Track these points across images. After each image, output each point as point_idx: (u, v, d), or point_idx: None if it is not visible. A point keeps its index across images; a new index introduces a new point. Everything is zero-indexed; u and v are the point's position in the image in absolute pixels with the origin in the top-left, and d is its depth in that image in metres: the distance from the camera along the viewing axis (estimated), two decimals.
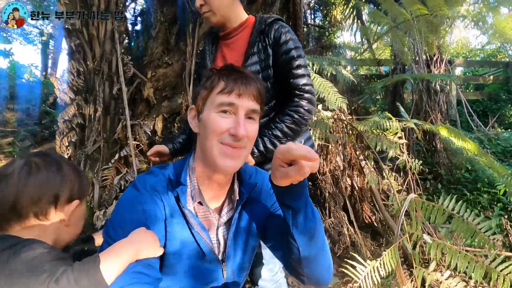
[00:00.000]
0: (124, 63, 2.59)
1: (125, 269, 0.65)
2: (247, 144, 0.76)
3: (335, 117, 2.46)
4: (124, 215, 0.73)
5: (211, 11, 1.12)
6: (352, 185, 3.29)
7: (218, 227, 0.82)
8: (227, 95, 0.73)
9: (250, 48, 1.12)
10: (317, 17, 6.68)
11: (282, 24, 1.12)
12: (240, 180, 0.86)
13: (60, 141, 2.53)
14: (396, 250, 1.45)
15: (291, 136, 1.10)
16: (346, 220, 2.97)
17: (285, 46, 1.08)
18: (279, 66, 1.11)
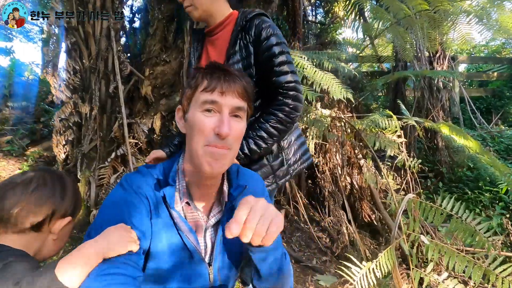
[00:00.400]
0: (121, 61, 2.57)
1: (95, 272, 0.60)
2: (232, 144, 0.73)
3: (333, 115, 2.43)
4: (108, 215, 0.71)
5: (192, 5, 1.09)
6: (352, 184, 3.26)
7: (206, 229, 0.80)
8: (210, 93, 0.71)
9: (231, 46, 1.08)
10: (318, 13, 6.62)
11: (264, 19, 1.06)
12: (229, 182, 0.84)
13: (56, 140, 2.53)
14: (393, 250, 1.43)
15: (277, 136, 1.06)
16: (345, 219, 2.95)
17: (266, 42, 1.03)
18: (261, 64, 1.06)
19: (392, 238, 1.48)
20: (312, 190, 3.82)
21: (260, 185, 0.93)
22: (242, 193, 0.82)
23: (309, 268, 2.54)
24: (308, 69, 1.99)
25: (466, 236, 1.48)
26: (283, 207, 3.14)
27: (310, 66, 2.03)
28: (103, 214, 0.72)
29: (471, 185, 3.60)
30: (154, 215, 0.74)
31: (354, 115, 3.22)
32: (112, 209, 0.72)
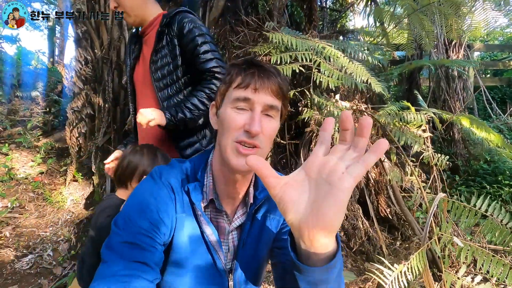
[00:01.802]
0: None
1: (112, 271, 0.60)
2: (263, 142, 0.69)
3: (354, 107, 2.34)
4: (135, 205, 0.70)
5: (125, 12, 1.18)
6: (368, 178, 3.20)
7: (229, 232, 0.78)
8: (243, 90, 0.68)
9: (157, 42, 1.17)
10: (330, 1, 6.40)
11: (185, 15, 1.17)
12: (256, 184, 0.80)
13: (70, 132, 2.48)
14: (424, 253, 1.38)
15: (203, 110, 1.15)
16: (361, 213, 2.91)
17: (189, 35, 1.14)
18: (187, 54, 1.17)
19: (423, 239, 1.42)
20: None
21: None
22: (267, 197, 0.78)
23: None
24: (342, 59, 1.88)
25: (501, 239, 1.42)
26: None
27: (342, 56, 1.92)
28: (131, 203, 0.72)
29: (489, 179, 3.52)
30: (180, 210, 0.73)
31: (369, 106, 3.12)
32: (140, 200, 0.71)
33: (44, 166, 2.89)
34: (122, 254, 0.62)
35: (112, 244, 0.64)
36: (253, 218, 0.79)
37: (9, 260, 1.88)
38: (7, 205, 2.31)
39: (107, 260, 0.62)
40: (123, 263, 0.61)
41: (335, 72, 1.82)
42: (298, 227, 0.43)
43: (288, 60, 1.83)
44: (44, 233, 2.17)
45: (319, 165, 0.42)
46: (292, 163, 3.44)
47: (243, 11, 3.09)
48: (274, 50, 1.94)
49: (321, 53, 1.89)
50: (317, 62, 1.83)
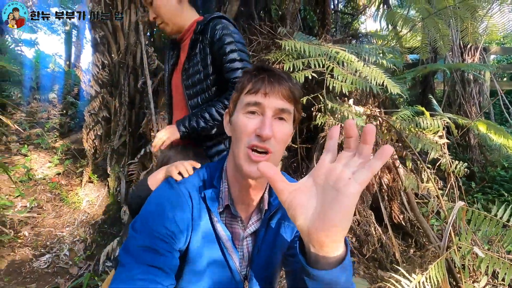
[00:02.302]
0: (149, 55, 2.53)
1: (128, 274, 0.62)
2: (275, 147, 0.68)
3: (367, 113, 2.31)
4: (152, 210, 0.71)
5: (163, 22, 1.20)
6: (380, 183, 3.16)
7: (244, 238, 0.78)
8: (253, 95, 0.69)
9: (191, 50, 1.18)
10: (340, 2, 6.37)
11: (218, 21, 1.15)
12: (271, 191, 0.79)
13: (86, 134, 2.54)
14: (443, 263, 1.35)
15: (218, 120, 1.13)
16: (374, 219, 2.87)
17: (219, 43, 1.12)
18: (217, 62, 1.15)
19: (442, 249, 1.39)
20: None
21: None
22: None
23: None
24: (356, 63, 1.87)
25: None
26: None
27: (356, 60, 1.91)
28: (148, 208, 0.73)
29: (506, 186, 3.42)
30: (196, 216, 0.73)
31: (382, 110, 3.09)
32: (157, 205, 0.72)
33: (61, 167, 2.96)
34: (139, 258, 0.64)
35: (130, 248, 0.66)
36: (268, 225, 0.79)
37: (28, 259, 1.93)
38: (26, 205, 2.38)
39: (124, 263, 0.63)
40: (139, 268, 0.62)
41: (348, 77, 1.80)
42: (307, 231, 0.44)
43: (300, 67, 1.83)
44: (61, 233, 2.22)
45: (326, 171, 0.43)
46: (303, 167, 3.43)
47: (256, 16, 3.11)
48: (287, 57, 1.94)
49: (334, 58, 1.89)
50: (330, 67, 1.82)
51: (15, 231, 2.08)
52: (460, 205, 1.44)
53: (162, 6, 1.18)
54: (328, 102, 2.16)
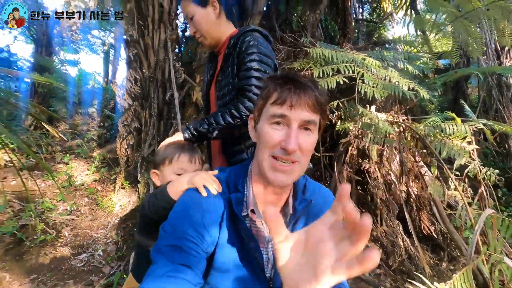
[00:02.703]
0: (176, 70, 2.71)
1: (158, 271, 0.64)
2: (300, 158, 0.70)
3: (389, 119, 2.28)
4: (180, 214, 0.74)
5: (202, 36, 1.24)
6: (408, 193, 3.03)
7: (269, 241, 0.78)
8: (279, 106, 0.69)
9: (224, 62, 1.21)
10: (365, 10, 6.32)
11: (250, 34, 1.16)
12: (295, 195, 0.81)
13: (120, 144, 2.74)
14: (470, 273, 1.28)
15: (221, 125, 1.14)
16: (401, 230, 2.75)
17: (244, 53, 1.13)
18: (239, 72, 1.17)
19: (469, 258, 1.33)
20: (363, 197, 3.63)
21: (327, 202, 0.85)
22: (307, 208, 0.79)
23: (362, 280, 2.41)
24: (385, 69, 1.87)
25: None
26: None
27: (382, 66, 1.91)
28: (178, 210, 0.75)
29: None
30: (224, 220, 0.75)
31: (409, 117, 3.00)
32: (187, 208, 0.75)
33: (98, 175, 3.22)
34: (169, 257, 0.66)
35: (160, 247, 0.69)
36: (293, 230, 0.78)
37: (67, 257, 2.11)
38: (66, 208, 2.61)
39: (156, 261, 0.67)
40: (170, 266, 0.65)
41: (379, 82, 1.80)
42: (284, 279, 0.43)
43: (330, 73, 1.86)
44: (96, 234, 2.40)
45: (317, 240, 0.39)
46: (326, 175, 3.40)
47: (277, 28, 3.21)
48: (314, 64, 1.98)
49: (362, 64, 1.90)
50: (361, 73, 1.83)
51: (57, 232, 2.29)
52: (489, 213, 1.38)
53: (201, 21, 1.22)
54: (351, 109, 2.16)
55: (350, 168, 3.23)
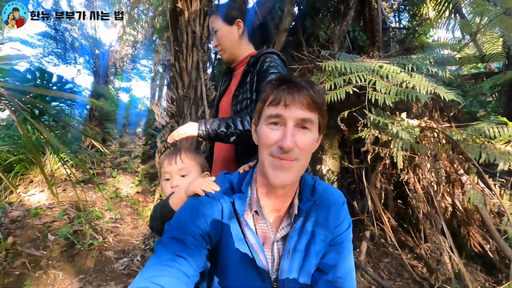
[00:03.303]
0: (207, 88, 2.93)
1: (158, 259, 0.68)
2: (299, 155, 0.71)
3: (422, 125, 2.16)
4: (184, 214, 0.78)
5: (222, 50, 1.35)
6: (454, 205, 2.76)
7: (274, 242, 0.78)
8: (275, 107, 0.71)
9: (243, 79, 1.30)
10: (403, 18, 6.13)
11: (268, 56, 1.27)
12: (301, 195, 0.81)
13: (158, 158, 2.99)
14: None
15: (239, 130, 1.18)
16: (447, 246, 2.50)
17: (264, 72, 1.23)
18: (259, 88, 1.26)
19: None
20: (403, 211, 3.39)
21: (336, 203, 0.83)
22: (312, 208, 0.79)
23: None
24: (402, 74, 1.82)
25: None
26: (368, 229, 2.88)
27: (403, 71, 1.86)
28: (183, 209, 0.80)
29: None
30: (226, 219, 0.77)
31: (453, 125, 2.79)
32: (191, 207, 0.79)
33: (140, 187, 3.52)
34: (168, 247, 0.70)
35: (163, 239, 0.73)
36: (301, 231, 0.78)
37: (110, 260, 2.32)
38: (112, 217, 2.89)
39: (156, 252, 0.71)
40: (168, 255, 0.68)
41: (392, 88, 1.75)
42: None
43: (341, 84, 1.86)
44: (136, 241, 2.60)
45: None
46: (361, 188, 3.26)
47: (304, 43, 3.29)
48: (328, 77, 2.00)
49: (377, 72, 1.87)
50: (372, 81, 1.81)
51: (103, 237, 2.54)
52: None
53: (225, 37, 1.33)
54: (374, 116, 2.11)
55: (385, 179, 3.07)
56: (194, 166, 1.13)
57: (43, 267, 2.09)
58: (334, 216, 0.82)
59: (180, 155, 1.12)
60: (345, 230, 0.83)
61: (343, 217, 0.83)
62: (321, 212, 0.81)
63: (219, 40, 1.35)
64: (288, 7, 3.15)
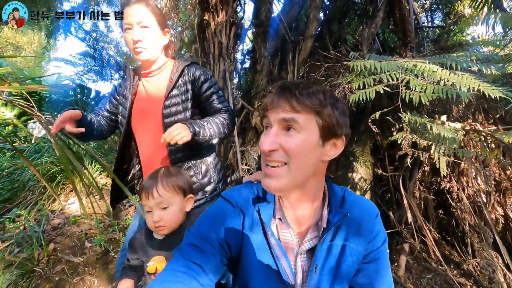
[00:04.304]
0: (234, 97, 2.94)
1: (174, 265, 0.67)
2: (287, 159, 0.67)
3: (467, 128, 1.98)
4: (205, 220, 0.78)
5: (147, 48, 1.26)
6: (506, 216, 2.48)
7: (298, 254, 0.75)
8: (266, 112, 0.72)
9: (173, 85, 1.30)
10: (435, 17, 5.84)
11: (198, 66, 1.35)
12: (330, 207, 0.77)
13: None
14: None
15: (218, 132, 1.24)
16: (501, 263, 2.24)
17: (205, 84, 1.32)
18: (201, 98, 1.33)
19: None
20: (446, 222, 3.12)
21: (368, 216, 0.78)
22: (342, 221, 0.74)
23: None
24: (440, 72, 1.69)
25: None
26: (406, 241, 2.67)
27: (440, 69, 1.73)
28: (204, 217, 0.80)
29: None
30: (248, 229, 0.76)
31: (500, 127, 2.54)
32: (211, 215, 0.79)
33: None
34: (185, 254, 0.70)
35: (181, 245, 0.74)
36: (331, 246, 0.74)
37: None
38: None
39: (173, 257, 0.71)
40: (183, 262, 0.68)
41: (428, 86, 1.62)
42: None
43: (371, 83, 1.77)
44: None
45: None
46: (397, 197, 3.06)
47: (331, 48, 3.21)
48: (357, 77, 1.91)
49: (411, 71, 1.75)
50: (406, 80, 1.69)
51: None
52: None
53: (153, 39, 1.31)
54: (410, 117, 1.97)
55: (424, 188, 2.85)
56: (174, 196, 1.07)
57: (80, 274, 2.17)
58: (366, 230, 0.76)
59: (157, 187, 1.04)
60: (380, 245, 0.77)
61: (377, 231, 0.77)
62: (352, 225, 0.76)
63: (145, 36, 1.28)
64: (314, 12, 3.11)
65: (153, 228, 1.07)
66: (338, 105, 0.69)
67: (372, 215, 0.79)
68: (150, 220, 1.05)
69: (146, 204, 1.05)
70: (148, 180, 1.08)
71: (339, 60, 2.60)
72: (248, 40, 4.39)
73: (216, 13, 2.92)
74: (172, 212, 1.06)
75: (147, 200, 1.03)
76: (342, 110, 0.70)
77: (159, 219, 1.03)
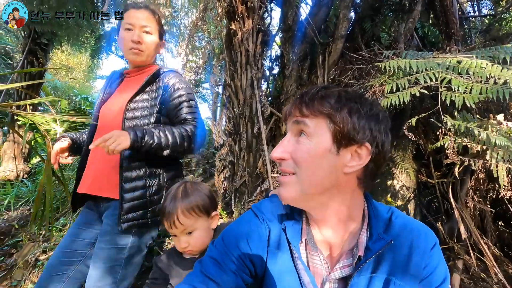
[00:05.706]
0: (262, 105, 2.88)
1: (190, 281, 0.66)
2: (296, 169, 0.62)
3: None
4: (230, 233, 0.75)
5: (144, 51, 1.31)
6: None
7: (326, 281, 0.66)
8: (284, 121, 0.73)
9: (143, 87, 1.28)
10: (482, 6, 5.31)
11: (174, 74, 1.33)
12: (370, 231, 0.66)
13: (217, 177, 3.03)
14: None
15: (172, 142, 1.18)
16: None
17: (177, 92, 1.28)
18: (169, 106, 1.28)
19: None
20: (508, 235, 2.72)
21: (421, 244, 0.65)
22: (385, 249, 0.62)
23: None
24: (489, 68, 1.47)
25: None
26: (459, 257, 2.36)
27: (490, 64, 1.51)
28: (230, 230, 0.76)
29: None
30: (274, 248, 0.70)
31: None
32: (237, 229, 0.75)
33: None
34: (204, 268, 0.68)
35: (203, 258, 0.72)
36: (371, 278, 0.63)
37: None
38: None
39: (194, 268, 0.70)
40: (200, 277, 0.66)
41: (474, 85, 1.41)
42: None
43: (406, 85, 1.59)
44: None
45: None
46: (446, 206, 2.75)
47: (364, 47, 3.03)
48: (391, 78, 1.74)
49: (453, 69, 1.54)
50: (446, 79, 1.49)
51: None
52: None
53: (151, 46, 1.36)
54: (453, 121, 1.74)
55: (479, 197, 2.52)
56: (197, 220, 1.01)
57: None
58: (419, 263, 0.63)
59: (178, 216, 0.98)
60: (439, 284, 0.63)
61: (434, 266, 0.64)
62: (399, 256, 0.63)
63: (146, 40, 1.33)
64: (343, 12, 2.97)
65: (182, 251, 1.05)
66: (359, 108, 0.61)
67: (428, 245, 0.65)
68: (178, 245, 1.03)
69: (170, 231, 1.02)
70: (167, 203, 1.02)
71: (372, 61, 2.43)
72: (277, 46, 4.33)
73: (242, 21, 2.91)
74: (198, 236, 1.02)
75: (171, 229, 1.00)
76: (365, 114, 0.61)
77: (186, 245, 1.00)
